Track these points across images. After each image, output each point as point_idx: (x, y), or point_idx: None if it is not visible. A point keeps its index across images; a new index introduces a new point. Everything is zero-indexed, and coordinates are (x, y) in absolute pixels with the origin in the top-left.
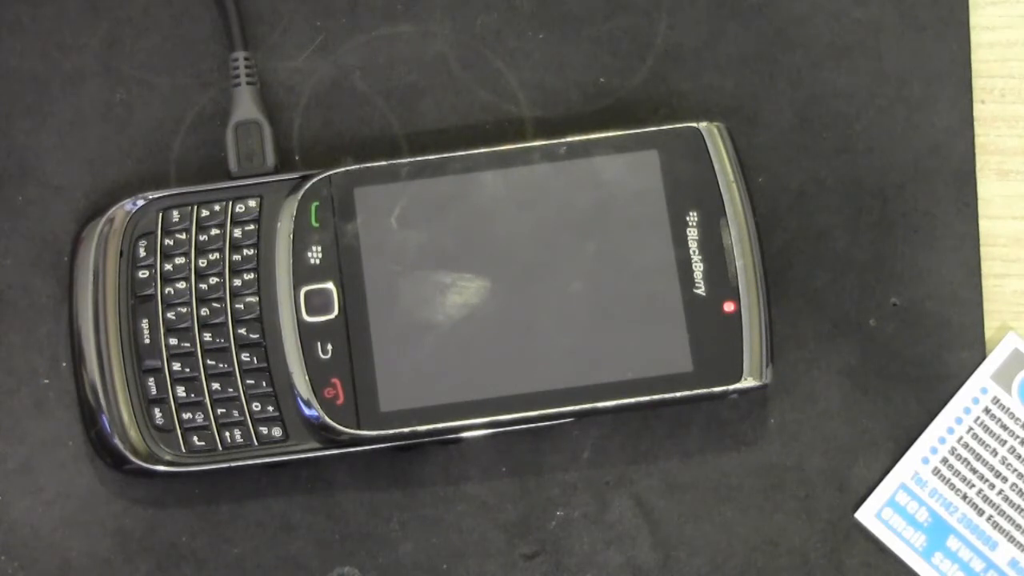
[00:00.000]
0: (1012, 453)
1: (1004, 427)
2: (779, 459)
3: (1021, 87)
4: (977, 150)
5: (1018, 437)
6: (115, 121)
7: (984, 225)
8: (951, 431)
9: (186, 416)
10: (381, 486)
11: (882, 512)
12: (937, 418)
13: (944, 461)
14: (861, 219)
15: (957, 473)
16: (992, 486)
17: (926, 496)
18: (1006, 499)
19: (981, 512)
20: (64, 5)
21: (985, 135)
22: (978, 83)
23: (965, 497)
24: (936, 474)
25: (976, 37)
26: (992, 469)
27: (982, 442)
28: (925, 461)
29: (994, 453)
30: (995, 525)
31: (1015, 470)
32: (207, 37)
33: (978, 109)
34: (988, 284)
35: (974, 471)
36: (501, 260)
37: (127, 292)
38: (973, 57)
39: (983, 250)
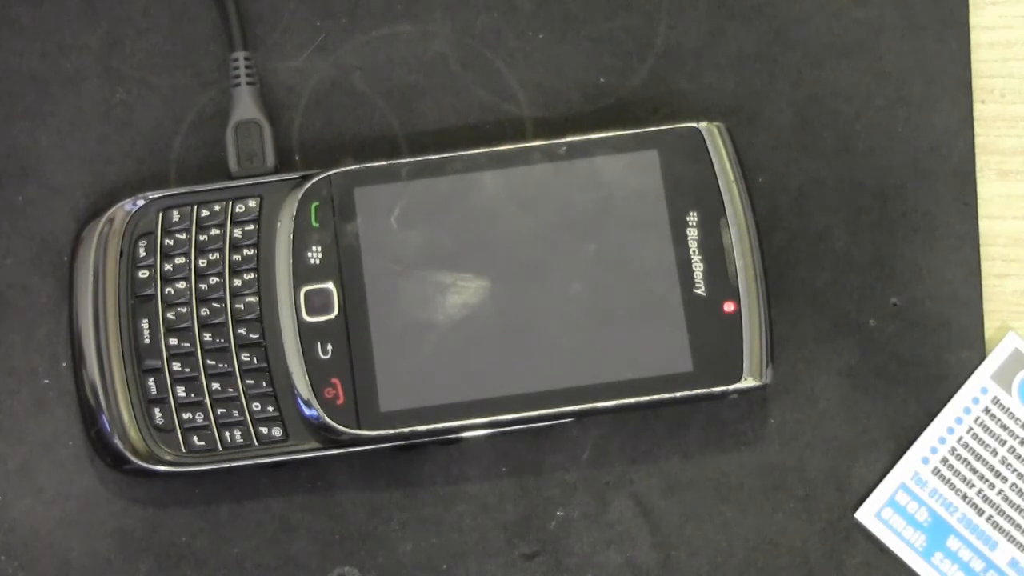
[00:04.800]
0: (1012, 453)
1: (1004, 427)
2: (779, 459)
3: (1021, 87)
4: (977, 150)
5: (1018, 437)
6: (115, 121)
7: (984, 225)
8: (951, 431)
9: (186, 416)
10: (381, 486)
11: (882, 512)
12: (937, 418)
13: (944, 461)
14: (861, 219)
15: (957, 473)
16: (992, 486)
17: (926, 496)
18: (1006, 499)
19: (981, 512)
20: (64, 5)
21: (985, 135)
22: (978, 83)
23: (965, 497)
24: (936, 474)
25: (976, 37)
26: (992, 469)
27: (982, 442)
28: (925, 461)
29: (994, 453)
30: (995, 525)
31: (1015, 470)
32: (207, 37)
33: (978, 109)
34: (988, 284)
35: (974, 471)
36: (501, 260)
37: (127, 292)
38: (973, 57)
39: (983, 250)
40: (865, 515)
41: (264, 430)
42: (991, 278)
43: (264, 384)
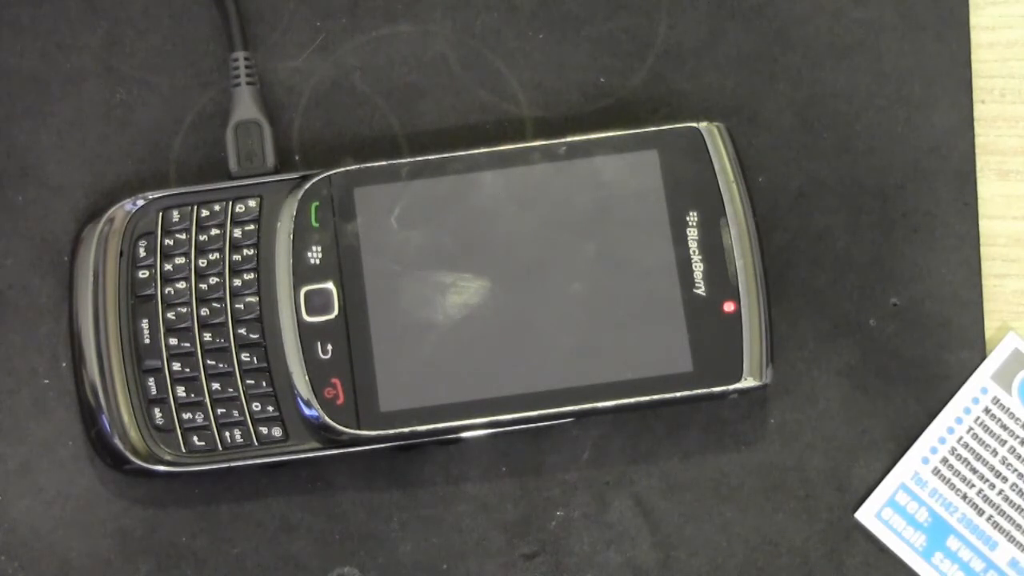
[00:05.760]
0: (1012, 453)
1: (1004, 427)
2: (779, 459)
3: (1021, 87)
4: (977, 150)
5: (1018, 437)
6: (115, 121)
7: (984, 225)
8: (951, 431)
9: (186, 416)
10: (381, 486)
11: (882, 512)
12: (937, 418)
13: (944, 461)
14: (861, 219)
15: (957, 473)
16: (992, 486)
17: (926, 496)
18: (1006, 499)
19: (981, 512)
20: (64, 5)
21: (985, 135)
22: (978, 83)
23: (965, 497)
24: (936, 474)
25: (976, 37)
26: (992, 469)
27: (982, 442)
28: (925, 461)
29: (994, 453)
30: (995, 525)
31: (1015, 470)
32: (207, 37)
33: (978, 109)
34: (988, 284)
35: (974, 471)
36: (501, 260)
37: (127, 292)
38: (973, 57)
39: (983, 250)
40: (865, 515)
41: (264, 430)
42: (991, 278)
43: (264, 384)
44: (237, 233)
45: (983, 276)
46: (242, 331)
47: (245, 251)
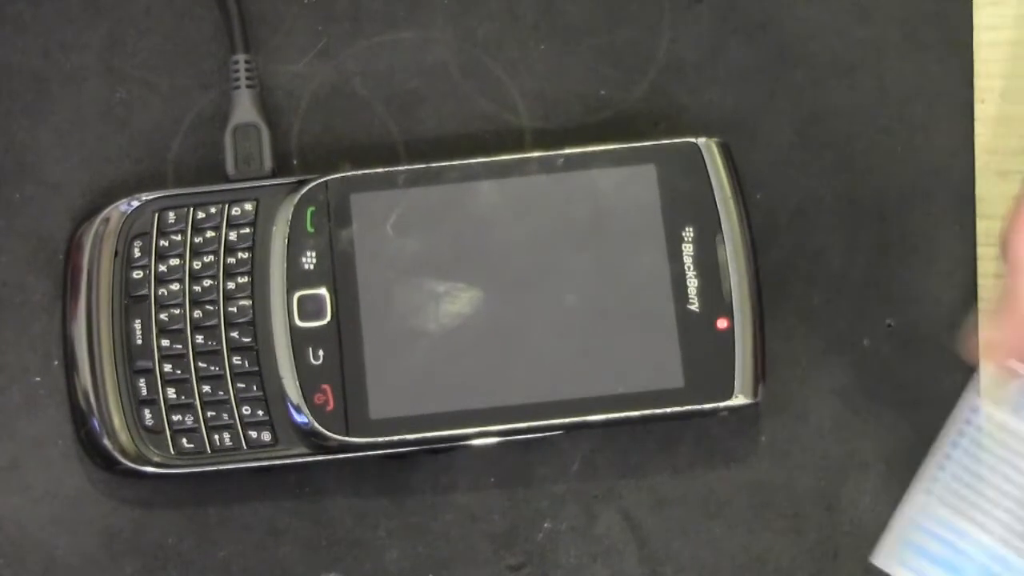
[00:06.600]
0: (1015, 469)
1: (1003, 446)
2: (769, 477)
3: (1021, 87)
4: (977, 149)
5: (1018, 453)
6: (114, 121)
7: (983, 225)
8: (949, 457)
9: (176, 418)
10: (369, 493)
11: (900, 554)
12: (935, 445)
13: (947, 487)
14: (858, 239)
15: (963, 499)
16: (997, 505)
17: (935, 526)
18: (1015, 516)
19: (990, 533)
20: (65, 4)
21: (985, 135)
22: (978, 83)
23: (973, 520)
24: (942, 501)
25: (976, 37)
26: (996, 488)
27: (982, 463)
28: (929, 492)
29: (994, 471)
30: (1005, 543)
31: (1019, 485)
32: (208, 39)
33: (978, 109)
34: (986, 284)
35: (979, 493)
36: (495, 270)
37: (121, 292)
38: (974, 57)
39: (980, 250)
40: (884, 560)
41: (253, 434)
42: (989, 278)
43: (255, 388)
44: (232, 236)
45: (980, 276)
46: (234, 334)
47: (240, 254)
